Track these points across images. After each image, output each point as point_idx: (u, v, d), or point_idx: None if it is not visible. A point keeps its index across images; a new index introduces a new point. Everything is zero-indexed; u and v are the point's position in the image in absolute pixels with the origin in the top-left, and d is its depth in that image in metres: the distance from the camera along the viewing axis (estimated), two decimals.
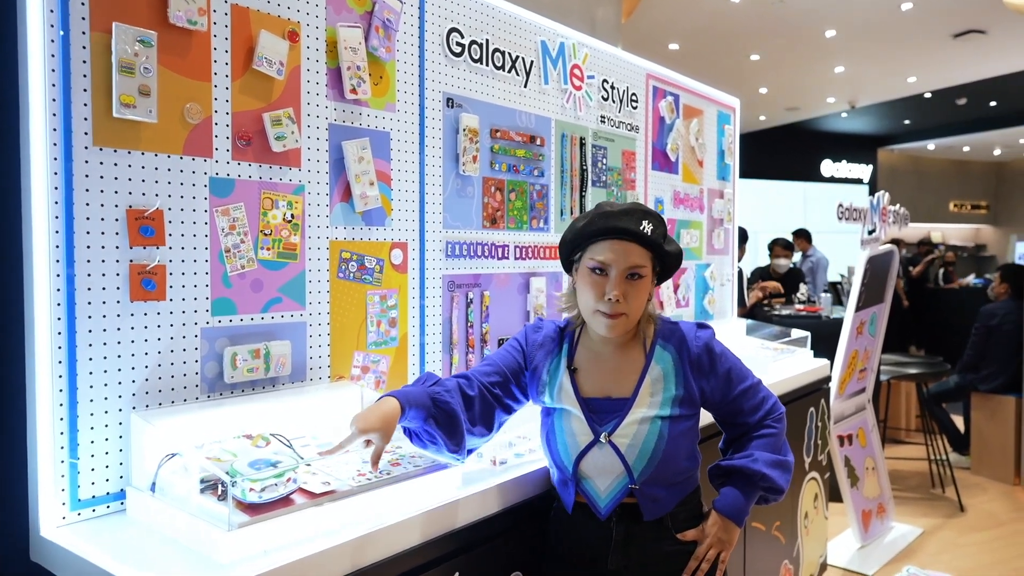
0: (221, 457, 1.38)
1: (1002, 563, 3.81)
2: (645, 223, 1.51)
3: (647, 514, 1.52)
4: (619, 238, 1.50)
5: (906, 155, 14.71)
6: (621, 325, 1.51)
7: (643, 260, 1.51)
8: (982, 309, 5.34)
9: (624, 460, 1.50)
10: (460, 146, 2.18)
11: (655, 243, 1.52)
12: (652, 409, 1.52)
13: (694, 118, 3.45)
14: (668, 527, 1.55)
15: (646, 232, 1.50)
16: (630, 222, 1.50)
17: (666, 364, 1.57)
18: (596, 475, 1.53)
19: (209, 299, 1.59)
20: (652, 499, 1.52)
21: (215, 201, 1.60)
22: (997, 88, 9.03)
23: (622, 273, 1.49)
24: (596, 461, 1.52)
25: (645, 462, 1.50)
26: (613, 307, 1.48)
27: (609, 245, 1.50)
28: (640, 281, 1.51)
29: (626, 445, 1.50)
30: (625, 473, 1.51)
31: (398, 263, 2.02)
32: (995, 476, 5.18)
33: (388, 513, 1.40)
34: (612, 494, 1.52)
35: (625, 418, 1.52)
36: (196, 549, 1.24)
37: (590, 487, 1.54)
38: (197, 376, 1.57)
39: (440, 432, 1.48)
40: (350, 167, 1.86)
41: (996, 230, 16.09)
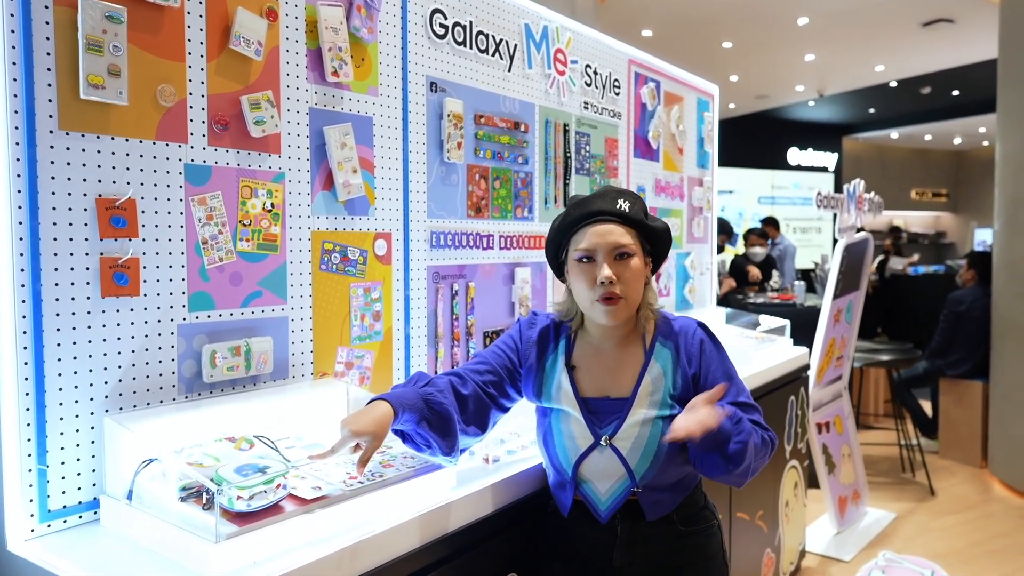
0: (203, 462, 1.30)
1: (975, 545, 3.87)
2: (621, 201, 1.47)
3: (650, 515, 1.48)
4: (597, 221, 1.46)
5: (870, 144, 14.92)
6: (621, 310, 1.45)
7: (627, 238, 1.45)
8: (950, 296, 5.42)
9: (626, 463, 1.45)
10: (444, 132, 2.10)
11: (635, 219, 1.47)
12: (652, 409, 1.47)
13: (675, 105, 3.40)
14: (674, 522, 1.50)
15: (624, 210, 1.46)
16: (604, 203, 1.47)
17: (665, 362, 1.52)
18: (596, 478, 1.48)
19: (186, 294, 1.50)
20: (654, 501, 1.47)
21: (191, 189, 1.50)
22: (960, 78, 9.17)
23: (609, 254, 1.44)
24: (597, 464, 1.47)
25: (647, 465, 1.45)
26: (607, 289, 1.42)
27: (590, 230, 1.46)
28: (630, 260, 1.45)
29: (628, 448, 1.45)
30: (627, 476, 1.46)
31: (382, 254, 1.94)
32: (963, 459, 5.28)
33: (381, 518, 1.34)
34: (613, 497, 1.47)
35: (625, 420, 1.46)
36: (180, 562, 1.16)
37: (590, 490, 1.49)
38: (174, 376, 1.48)
39: (434, 434, 1.42)
40: (332, 153, 1.77)
41: (956, 217, 16.44)
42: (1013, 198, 4.66)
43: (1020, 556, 3.72)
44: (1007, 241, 4.73)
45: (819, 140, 13.18)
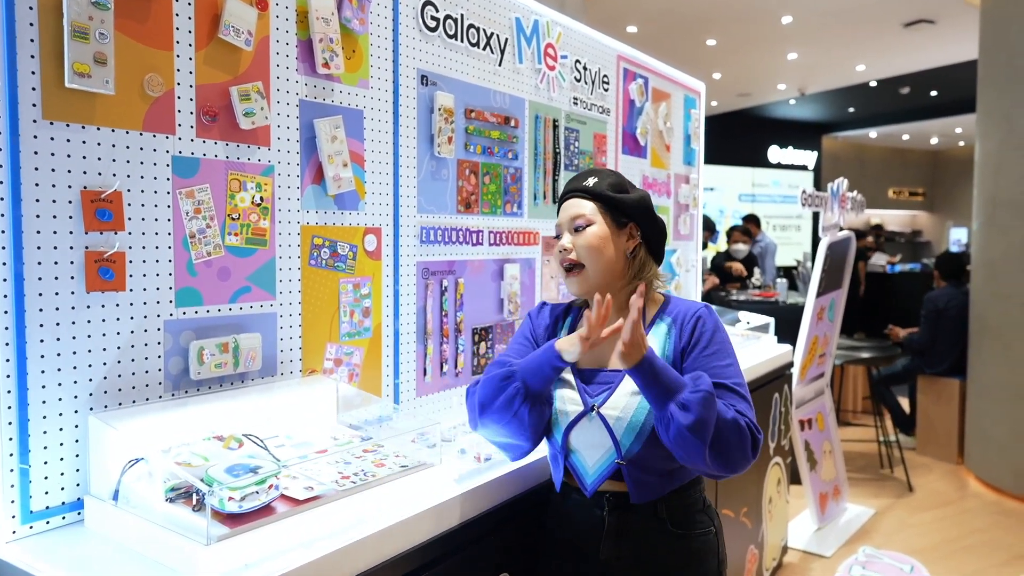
0: (192, 462, 1.27)
1: (953, 541, 3.92)
2: (590, 179, 1.55)
3: (635, 496, 1.45)
4: (567, 198, 1.56)
5: (849, 142, 15.07)
6: (582, 279, 1.51)
7: (586, 210, 1.51)
8: (927, 296, 5.48)
9: (612, 433, 1.44)
10: (435, 126, 2.08)
11: (595, 192, 1.52)
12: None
13: (662, 102, 3.40)
14: (663, 519, 1.48)
15: (588, 185, 1.53)
16: (575, 182, 1.56)
17: (660, 337, 1.52)
18: (584, 448, 1.48)
19: (173, 289, 1.46)
20: (640, 482, 1.45)
21: (178, 182, 1.47)
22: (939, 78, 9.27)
23: (569, 227, 1.53)
24: (585, 433, 1.47)
25: (633, 437, 1.43)
26: (563, 256, 1.51)
27: (561, 208, 1.57)
28: (586, 230, 1.50)
29: (615, 418, 1.44)
30: (612, 448, 1.45)
31: (372, 249, 1.91)
32: (939, 456, 5.35)
33: (374, 518, 1.31)
34: (599, 470, 1.47)
35: (616, 390, 1.46)
36: (168, 564, 1.13)
37: (578, 461, 1.50)
38: (160, 373, 1.45)
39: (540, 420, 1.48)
40: (322, 147, 1.74)
41: (932, 216, 16.66)
42: (991, 198, 4.72)
43: (997, 552, 3.78)
44: (985, 241, 4.79)
45: (799, 138, 13.29)
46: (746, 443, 1.37)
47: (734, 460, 1.37)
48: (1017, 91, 4.49)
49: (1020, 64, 4.47)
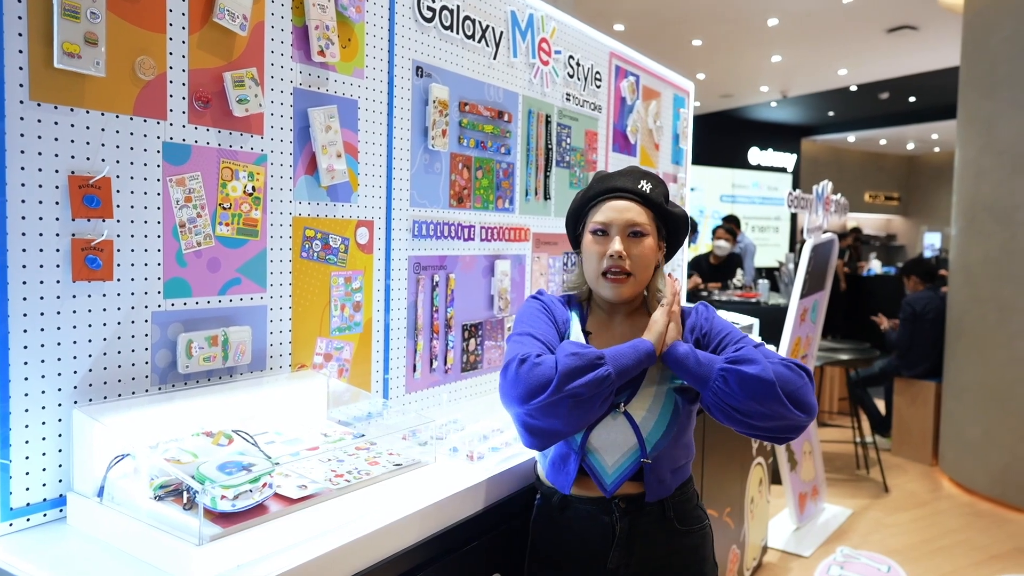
0: (181, 458, 1.23)
1: (928, 542, 3.97)
2: (643, 182, 1.50)
3: (650, 495, 1.44)
4: (617, 197, 1.49)
5: (828, 146, 15.23)
6: (628, 287, 1.46)
7: (643, 218, 1.47)
8: (905, 299, 5.54)
9: (639, 432, 1.42)
10: (429, 119, 2.04)
11: (654, 201, 1.49)
12: (664, 380, 1.46)
13: (652, 100, 3.39)
14: (670, 518, 1.47)
15: (644, 190, 1.49)
16: (627, 181, 1.50)
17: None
18: (605, 448, 1.43)
19: (161, 280, 1.42)
20: (658, 480, 1.44)
21: (169, 169, 1.42)
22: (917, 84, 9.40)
23: (623, 231, 1.46)
24: (608, 433, 1.43)
25: (660, 435, 1.42)
26: (616, 263, 1.44)
27: (608, 205, 1.49)
28: (643, 240, 1.46)
29: (642, 416, 1.43)
30: (638, 446, 1.42)
31: (364, 243, 1.87)
32: (914, 457, 5.42)
33: (369, 518, 1.28)
34: (620, 469, 1.43)
35: (640, 387, 1.44)
36: (157, 565, 1.09)
37: (596, 462, 1.44)
38: (147, 366, 1.40)
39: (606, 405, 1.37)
40: (316, 137, 1.70)
41: (906, 221, 16.91)
42: (971, 204, 4.78)
43: (971, 552, 3.83)
44: (963, 245, 4.85)
45: (779, 141, 13.40)
46: (805, 380, 1.36)
47: (809, 402, 1.35)
48: (998, 98, 4.55)
49: (1001, 72, 4.53)
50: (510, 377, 1.34)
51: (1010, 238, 4.43)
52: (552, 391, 1.29)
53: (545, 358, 1.33)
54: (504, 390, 1.35)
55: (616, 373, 1.33)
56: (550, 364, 1.31)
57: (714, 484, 2.80)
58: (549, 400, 1.29)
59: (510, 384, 1.33)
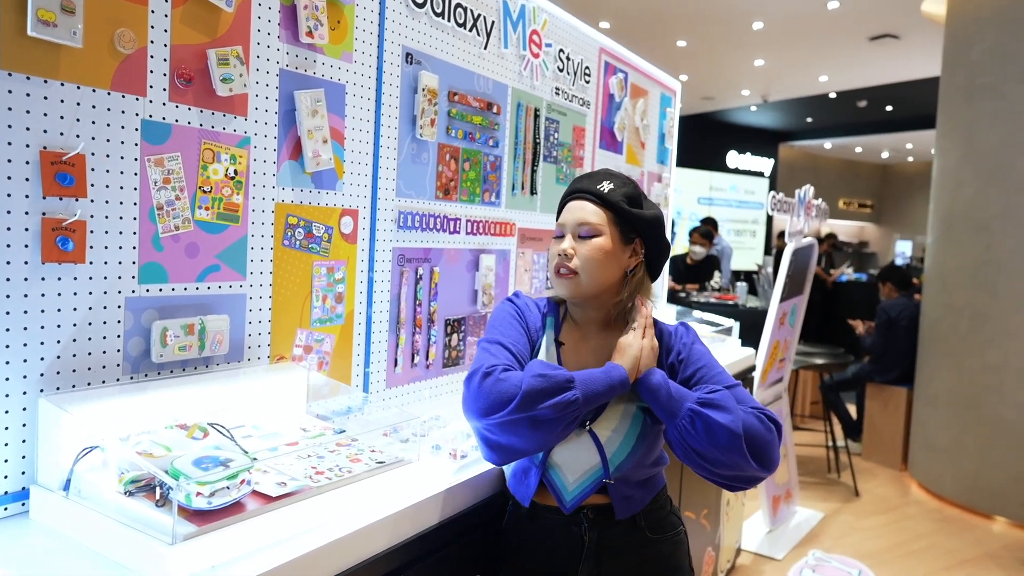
0: (153, 452, 1.17)
1: (899, 546, 4.00)
2: (605, 183, 1.45)
3: (620, 512, 1.41)
4: (576, 198, 1.46)
5: (805, 152, 15.38)
6: (573, 285, 1.41)
7: (596, 218, 1.42)
8: (880, 306, 5.60)
9: (602, 452, 1.38)
10: (418, 107, 1.99)
11: (610, 201, 1.42)
12: (633, 398, 1.41)
13: (640, 98, 3.37)
14: (642, 527, 1.44)
15: (602, 190, 1.43)
16: (588, 182, 1.47)
17: None
18: (566, 465, 1.40)
19: (136, 264, 1.35)
20: (625, 497, 1.41)
21: (148, 148, 1.36)
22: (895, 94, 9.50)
23: (574, 232, 1.43)
24: (570, 451, 1.39)
25: (624, 456, 1.39)
26: (560, 261, 1.42)
27: (568, 207, 1.47)
28: (592, 240, 1.41)
29: (607, 436, 1.39)
30: (600, 466, 1.39)
31: (348, 232, 1.82)
32: (884, 462, 5.48)
33: (349, 517, 1.23)
34: (581, 487, 1.40)
35: (607, 405, 1.40)
36: (126, 564, 1.04)
37: (556, 477, 1.41)
38: (119, 354, 1.34)
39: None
40: (302, 120, 1.64)
41: (879, 228, 17.14)
42: (948, 213, 4.83)
43: (941, 557, 3.87)
44: (939, 254, 4.91)
45: (757, 145, 13.49)
46: (774, 436, 1.33)
47: (772, 457, 1.32)
48: (977, 109, 4.60)
49: (981, 83, 4.58)
50: (472, 390, 1.30)
51: (985, 247, 4.48)
52: (512, 410, 1.25)
53: (511, 375, 1.29)
54: (465, 401, 1.32)
55: (584, 399, 1.29)
56: (515, 382, 1.27)
57: (692, 486, 2.78)
58: (508, 419, 1.25)
59: (471, 397, 1.30)
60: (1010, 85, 4.39)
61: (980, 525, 4.36)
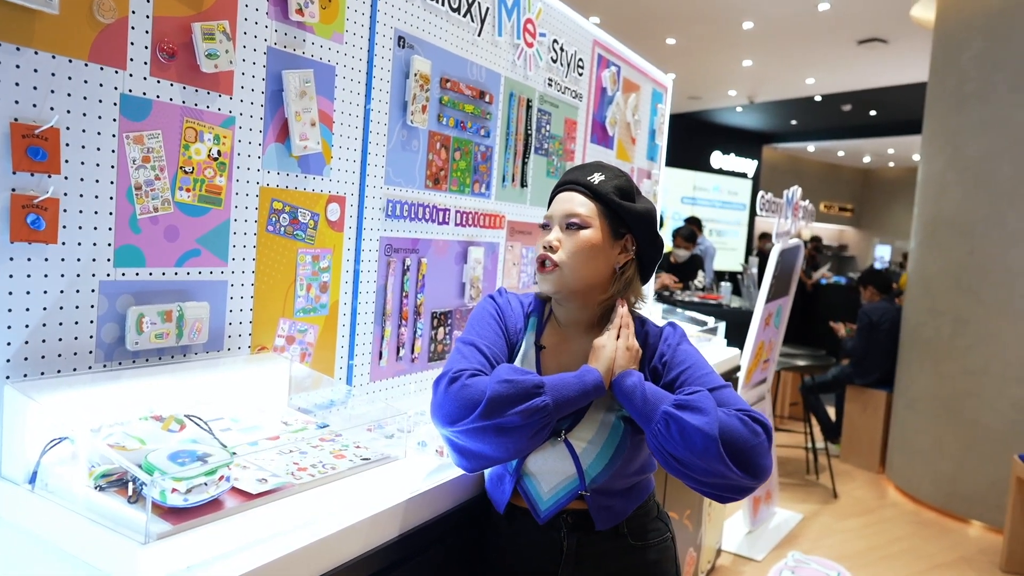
0: (126, 444, 1.11)
1: (877, 549, 4.01)
2: (596, 174, 1.39)
3: (600, 523, 1.35)
4: (566, 189, 1.41)
5: (787, 154, 15.47)
6: (554, 279, 1.34)
7: (584, 210, 1.35)
8: (862, 309, 5.62)
9: (578, 462, 1.32)
10: (409, 93, 1.93)
11: (600, 193, 1.36)
12: (612, 409, 1.35)
13: (632, 93, 3.32)
14: (624, 534, 1.39)
15: (592, 181, 1.37)
16: (579, 173, 1.41)
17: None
18: (541, 474, 1.34)
19: (112, 246, 1.29)
20: (604, 507, 1.35)
21: (126, 124, 1.29)
22: (880, 98, 9.57)
23: (561, 222, 1.37)
24: (545, 460, 1.33)
25: (601, 467, 1.32)
26: (544, 253, 1.35)
27: (556, 198, 1.42)
28: (580, 233, 1.34)
29: (583, 447, 1.32)
30: (576, 476, 1.32)
31: (334, 219, 1.75)
32: (862, 464, 5.50)
33: (332, 516, 1.18)
34: (556, 497, 1.34)
35: (584, 415, 1.34)
36: (96, 564, 0.97)
37: (531, 486, 1.35)
38: (92, 341, 1.27)
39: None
40: (290, 101, 1.58)
41: (858, 232, 17.30)
42: (932, 218, 4.84)
43: (917, 561, 3.89)
44: (923, 258, 4.92)
45: (741, 146, 13.55)
46: (761, 439, 1.22)
47: (759, 463, 1.21)
48: (965, 116, 4.61)
49: (968, 89, 4.59)
50: (439, 395, 1.24)
51: (969, 253, 4.50)
52: (476, 418, 1.19)
53: (477, 380, 1.23)
54: (432, 407, 1.26)
55: (555, 405, 1.23)
56: (480, 388, 1.21)
57: (676, 485, 2.75)
58: (473, 426, 1.20)
59: (437, 402, 1.25)
60: (997, 92, 4.41)
61: (956, 529, 4.39)
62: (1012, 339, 4.26)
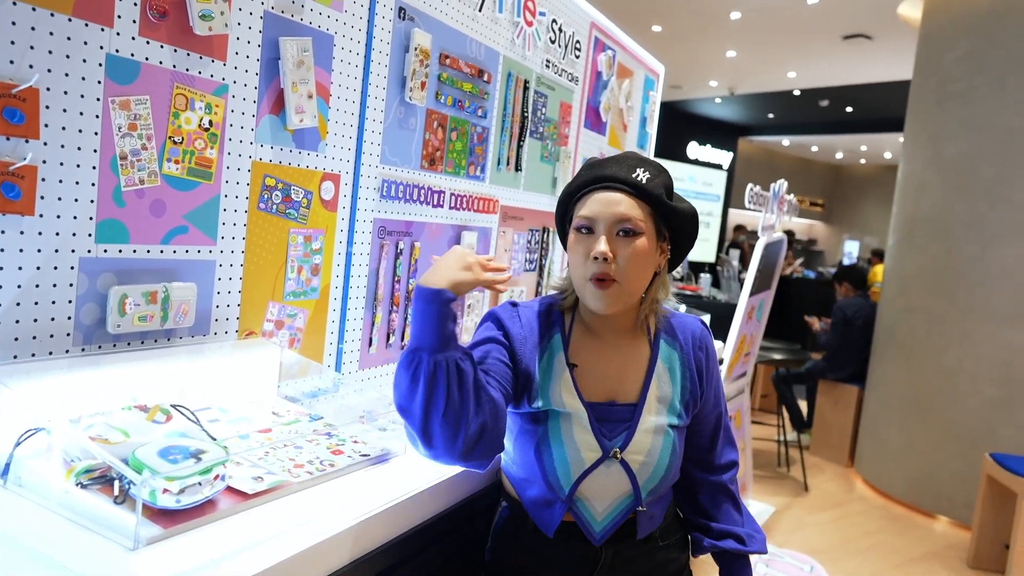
0: (109, 437, 1.02)
1: (848, 543, 4.05)
2: (640, 170, 1.24)
3: (642, 532, 1.30)
4: (606, 188, 1.23)
5: (763, 147, 15.56)
6: (614, 297, 1.22)
7: (636, 213, 1.21)
8: (836, 305, 5.65)
9: (634, 480, 1.25)
10: (409, 68, 1.84)
11: (651, 194, 1.23)
12: (661, 417, 1.28)
13: (626, 78, 3.26)
14: (656, 537, 1.34)
15: (640, 180, 1.22)
16: (620, 169, 1.24)
17: (672, 362, 1.33)
18: (596, 497, 1.26)
19: (94, 220, 1.19)
20: (649, 516, 1.31)
21: (112, 88, 1.18)
22: (857, 95, 9.63)
23: (610, 227, 1.21)
24: (601, 481, 1.25)
25: (657, 481, 1.27)
26: (600, 267, 1.20)
27: (595, 197, 1.24)
28: (635, 240, 1.21)
29: (639, 463, 1.25)
30: (632, 494, 1.26)
31: (328, 199, 1.66)
32: (831, 458, 5.56)
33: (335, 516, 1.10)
34: (612, 517, 1.27)
35: (636, 429, 1.26)
36: (77, 570, 0.89)
37: (584, 509, 1.26)
38: (70, 322, 1.17)
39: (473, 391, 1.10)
40: (286, 71, 1.48)
41: (828, 227, 17.51)
42: (911, 217, 4.87)
43: (889, 555, 3.93)
44: (900, 256, 4.95)
45: (718, 138, 13.57)
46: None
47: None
48: (947, 115, 4.63)
49: (952, 89, 4.60)
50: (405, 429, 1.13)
51: (946, 253, 4.53)
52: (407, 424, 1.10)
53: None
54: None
55: (416, 342, 1.07)
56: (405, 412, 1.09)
57: None
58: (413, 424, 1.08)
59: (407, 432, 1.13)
60: (981, 93, 4.43)
61: (924, 524, 4.45)
62: (986, 339, 4.30)
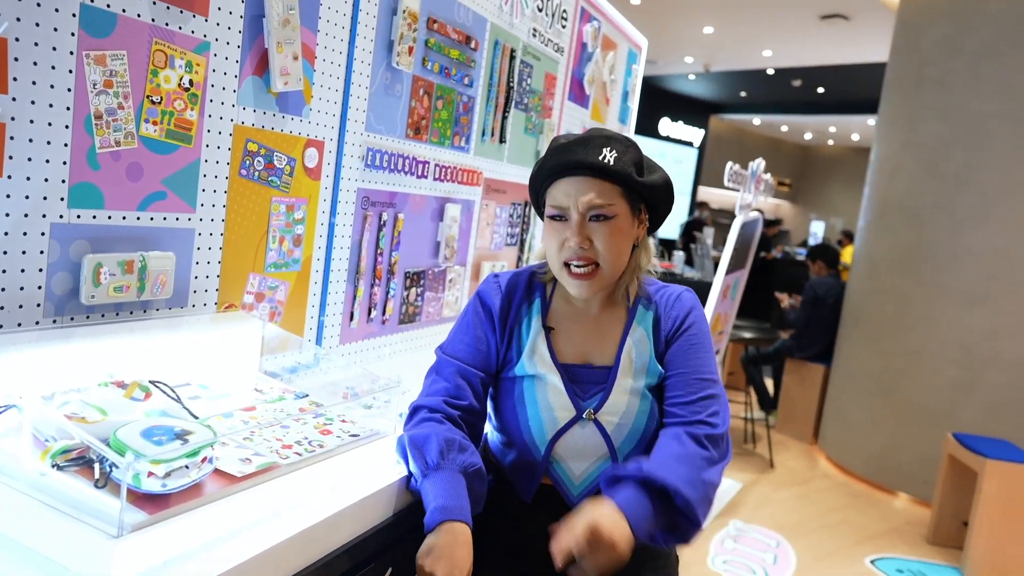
0: (86, 415, 0.96)
1: (816, 518, 4.13)
2: (606, 151, 1.22)
3: None
4: (574, 173, 1.23)
5: (733, 126, 15.62)
6: (594, 282, 1.24)
7: (607, 197, 1.22)
8: (808, 283, 5.72)
9: (610, 441, 1.26)
10: (396, 31, 1.76)
11: (620, 174, 1.22)
12: (638, 379, 1.29)
13: (610, 51, 3.20)
14: None
15: (607, 163, 1.21)
16: (586, 152, 1.22)
17: (647, 324, 1.32)
18: (572, 458, 1.28)
19: (66, 183, 1.11)
20: None
21: (87, 41, 1.10)
22: (830, 76, 9.69)
23: (582, 216, 1.22)
24: (576, 442, 1.27)
25: (633, 444, 1.27)
26: (576, 254, 1.22)
27: (564, 184, 1.24)
28: (608, 223, 1.22)
29: (614, 424, 1.26)
30: (608, 456, 1.27)
31: (312, 166, 1.59)
32: (796, 435, 5.65)
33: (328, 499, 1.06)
34: (590, 479, 1.28)
35: (611, 391, 1.27)
36: (58, 560, 0.83)
37: (561, 471, 1.29)
38: (41, 292, 1.10)
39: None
40: (271, 30, 1.40)
41: (794, 207, 17.71)
42: (882, 199, 4.92)
43: (851, 531, 4.01)
44: (870, 238, 5.01)
45: (690, 115, 13.58)
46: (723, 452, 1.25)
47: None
48: (923, 98, 4.66)
49: (928, 73, 4.63)
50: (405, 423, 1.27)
51: (916, 235, 4.59)
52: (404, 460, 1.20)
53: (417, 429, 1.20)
54: None
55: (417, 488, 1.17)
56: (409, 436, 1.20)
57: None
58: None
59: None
60: (955, 77, 4.46)
61: (885, 500, 4.55)
62: (951, 322, 4.39)
